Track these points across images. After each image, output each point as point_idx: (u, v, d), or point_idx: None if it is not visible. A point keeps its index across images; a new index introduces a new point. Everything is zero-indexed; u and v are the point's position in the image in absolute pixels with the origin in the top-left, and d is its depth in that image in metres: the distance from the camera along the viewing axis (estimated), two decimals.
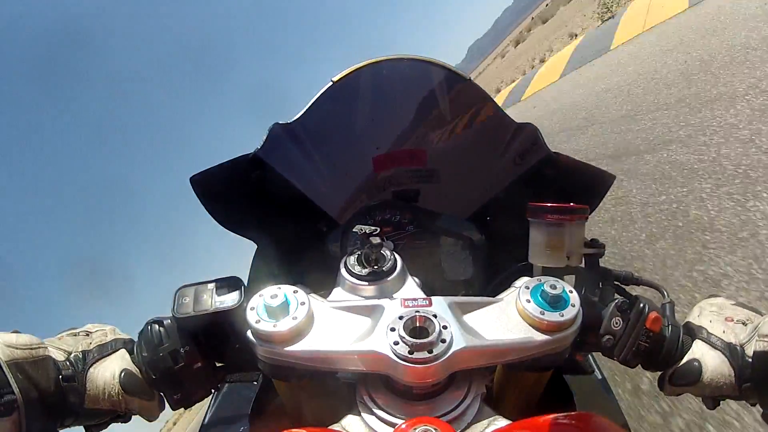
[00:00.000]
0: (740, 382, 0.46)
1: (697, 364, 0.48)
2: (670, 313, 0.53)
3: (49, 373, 0.42)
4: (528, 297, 0.44)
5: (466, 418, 0.40)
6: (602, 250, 0.54)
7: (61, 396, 0.42)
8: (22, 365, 0.39)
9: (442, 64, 0.62)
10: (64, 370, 0.43)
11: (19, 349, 0.40)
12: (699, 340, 0.50)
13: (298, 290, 0.45)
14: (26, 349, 0.40)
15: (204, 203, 0.59)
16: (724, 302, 0.54)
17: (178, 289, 0.50)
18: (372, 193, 0.72)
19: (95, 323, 0.50)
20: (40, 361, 0.41)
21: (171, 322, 0.49)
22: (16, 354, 0.39)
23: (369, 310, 0.45)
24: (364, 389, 0.43)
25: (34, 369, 0.40)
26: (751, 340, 0.46)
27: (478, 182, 0.69)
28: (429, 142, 0.68)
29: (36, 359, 0.41)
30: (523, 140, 0.61)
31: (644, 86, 4.98)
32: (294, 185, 0.65)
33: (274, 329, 0.41)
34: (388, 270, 0.49)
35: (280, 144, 0.61)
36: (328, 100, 0.61)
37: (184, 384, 0.49)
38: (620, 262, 2.34)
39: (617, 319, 0.51)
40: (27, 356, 0.40)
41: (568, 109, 6.12)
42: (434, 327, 0.40)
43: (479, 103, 0.62)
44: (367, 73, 0.61)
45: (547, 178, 0.61)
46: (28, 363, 0.40)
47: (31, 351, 0.41)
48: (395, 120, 0.68)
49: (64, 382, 0.42)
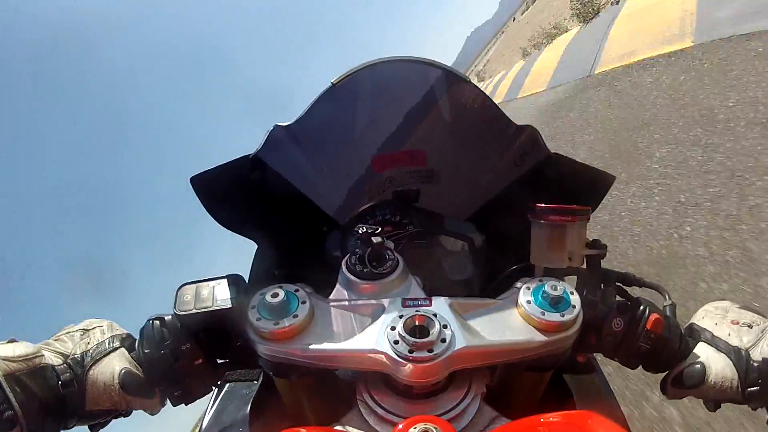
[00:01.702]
0: (744, 387, 0.45)
1: (701, 366, 0.48)
2: (672, 315, 0.53)
3: (48, 381, 0.41)
4: (529, 297, 0.44)
5: (466, 417, 0.40)
6: (604, 251, 0.54)
7: (61, 402, 0.42)
8: (20, 378, 0.39)
9: (441, 65, 0.62)
10: (62, 376, 0.43)
11: (16, 361, 0.40)
12: (703, 343, 0.50)
13: (300, 289, 0.45)
14: (23, 360, 0.40)
15: (204, 203, 0.59)
16: (730, 305, 0.53)
17: (180, 287, 0.50)
18: (372, 193, 0.72)
19: (92, 319, 0.50)
20: (38, 370, 0.41)
21: (172, 320, 0.49)
22: (14, 367, 0.39)
23: (369, 309, 0.45)
24: (364, 388, 0.43)
25: (32, 380, 0.40)
26: (758, 343, 0.46)
27: (478, 183, 0.69)
28: (429, 143, 0.68)
29: (34, 369, 0.41)
30: (523, 141, 0.62)
31: None
32: (294, 186, 0.65)
33: (275, 327, 0.41)
34: (389, 269, 0.50)
35: (279, 145, 0.61)
36: (327, 102, 0.61)
37: (185, 381, 0.49)
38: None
39: (618, 321, 0.51)
40: (24, 368, 0.40)
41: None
42: (434, 326, 0.41)
43: (479, 104, 0.62)
44: (366, 74, 0.61)
45: (547, 179, 0.61)
46: (26, 374, 0.40)
47: (28, 362, 0.40)
48: (395, 121, 0.68)
49: (63, 388, 0.42)
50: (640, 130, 3.85)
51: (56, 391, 0.42)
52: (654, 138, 3.58)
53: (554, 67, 8.63)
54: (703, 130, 3.20)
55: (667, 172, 3.02)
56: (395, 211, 0.74)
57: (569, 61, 8.09)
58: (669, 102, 4.01)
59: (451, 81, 0.63)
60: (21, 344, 0.42)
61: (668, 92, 4.20)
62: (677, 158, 3.08)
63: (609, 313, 0.51)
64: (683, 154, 3.07)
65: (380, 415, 0.40)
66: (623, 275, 0.56)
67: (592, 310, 0.50)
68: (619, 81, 5.45)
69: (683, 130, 3.39)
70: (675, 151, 3.19)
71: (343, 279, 0.50)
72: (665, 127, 3.61)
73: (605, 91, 5.48)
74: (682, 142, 3.24)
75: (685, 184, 2.76)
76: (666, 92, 4.24)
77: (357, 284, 0.49)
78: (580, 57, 7.53)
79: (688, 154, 3.04)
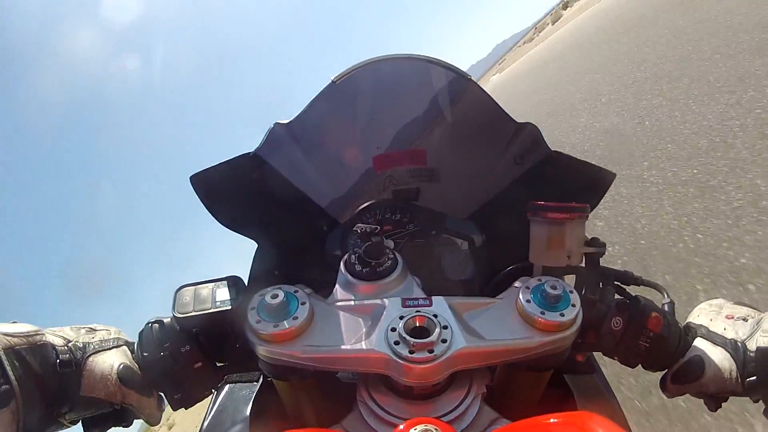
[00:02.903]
0: (743, 378, 0.46)
1: (699, 360, 0.48)
2: (671, 314, 0.53)
3: (47, 358, 0.42)
4: (528, 297, 0.44)
5: (466, 418, 0.40)
6: (603, 250, 0.54)
7: (58, 382, 0.42)
8: (20, 352, 0.39)
9: (443, 63, 0.62)
10: (62, 355, 0.43)
11: (16, 336, 0.40)
12: (700, 338, 0.50)
13: (299, 290, 0.45)
14: (24, 336, 0.40)
15: (204, 202, 0.59)
16: (724, 302, 0.54)
17: (178, 289, 0.50)
18: (372, 192, 0.72)
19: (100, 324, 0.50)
20: (38, 347, 0.41)
21: (171, 322, 0.49)
22: (14, 342, 0.39)
23: (369, 309, 0.45)
24: (364, 389, 0.43)
25: (31, 355, 0.40)
26: (753, 335, 0.46)
27: (478, 182, 0.69)
28: (429, 142, 0.68)
29: (34, 345, 0.41)
30: (523, 140, 0.61)
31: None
32: (294, 184, 0.65)
33: (274, 329, 0.41)
34: (389, 269, 0.49)
35: (280, 143, 0.61)
36: (328, 100, 0.61)
37: (185, 384, 0.49)
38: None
39: (617, 319, 0.51)
40: (24, 343, 0.40)
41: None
42: (435, 327, 0.40)
43: (480, 102, 0.62)
44: (367, 72, 0.61)
45: (547, 178, 0.61)
46: (26, 349, 0.40)
47: (28, 338, 0.41)
48: (395, 119, 0.68)
49: (61, 367, 0.42)
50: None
51: (54, 369, 0.42)
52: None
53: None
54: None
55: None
56: (395, 210, 0.73)
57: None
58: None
59: (452, 79, 0.63)
60: (22, 323, 0.42)
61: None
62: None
63: (608, 312, 0.51)
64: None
65: (380, 417, 0.40)
66: (622, 274, 0.56)
67: (591, 309, 0.50)
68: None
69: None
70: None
71: (343, 279, 0.50)
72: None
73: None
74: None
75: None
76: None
77: (356, 284, 0.49)
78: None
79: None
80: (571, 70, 8.68)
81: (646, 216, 2.61)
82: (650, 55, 5.70)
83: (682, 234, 2.28)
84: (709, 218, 2.27)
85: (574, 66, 8.72)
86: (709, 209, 2.34)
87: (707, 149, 2.88)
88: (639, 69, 5.47)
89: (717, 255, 2.01)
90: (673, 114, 3.71)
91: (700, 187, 2.56)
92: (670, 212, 2.51)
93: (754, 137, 2.71)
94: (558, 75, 9.38)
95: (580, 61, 8.96)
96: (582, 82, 6.95)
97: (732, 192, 2.35)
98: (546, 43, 11.91)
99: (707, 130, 3.12)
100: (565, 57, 10.71)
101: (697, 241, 2.17)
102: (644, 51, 6.10)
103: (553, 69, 10.57)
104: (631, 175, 3.10)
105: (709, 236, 2.15)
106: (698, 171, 2.71)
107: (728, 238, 2.07)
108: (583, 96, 6.05)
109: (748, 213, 2.15)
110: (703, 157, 2.82)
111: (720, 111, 3.26)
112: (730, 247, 2.01)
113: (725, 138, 2.88)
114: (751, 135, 2.75)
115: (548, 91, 8.30)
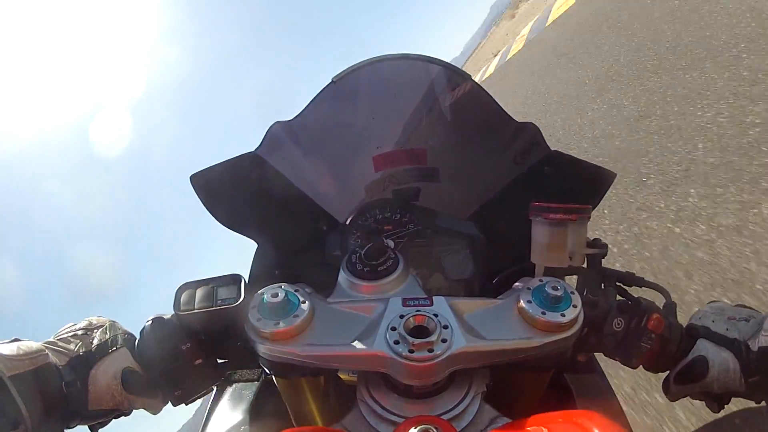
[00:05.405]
0: (746, 377, 0.46)
1: (703, 359, 0.48)
2: (672, 315, 0.53)
3: (52, 380, 0.42)
4: (529, 297, 0.44)
5: (466, 417, 0.40)
6: (604, 250, 0.53)
7: (64, 402, 0.43)
8: (25, 377, 0.39)
9: (442, 63, 0.62)
10: (66, 376, 0.43)
11: (20, 360, 0.40)
12: (702, 339, 0.50)
13: (300, 289, 0.45)
14: (27, 359, 0.41)
15: (204, 202, 0.59)
16: (725, 304, 0.54)
17: (180, 287, 0.50)
18: (372, 191, 0.72)
19: (94, 317, 0.50)
20: (42, 368, 0.41)
21: (172, 320, 0.49)
22: (18, 366, 0.39)
23: (370, 308, 0.45)
24: (364, 388, 0.43)
25: (36, 378, 0.40)
26: (756, 335, 0.46)
27: (478, 181, 0.69)
28: (429, 141, 0.68)
29: (37, 368, 0.41)
30: (523, 139, 0.61)
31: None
32: (294, 184, 0.65)
33: (275, 327, 0.41)
34: (389, 269, 0.49)
35: (280, 143, 0.61)
36: (328, 99, 0.61)
37: (186, 381, 0.49)
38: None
39: (619, 321, 0.51)
40: (28, 366, 0.40)
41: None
42: (435, 326, 0.40)
43: (480, 102, 0.62)
44: (367, 71, 0.61)
45: (547, 177, 0.61)
46: (30, 373, 0.40)
47: (32, 360, 0.41)
48: (395, 118, 0.68)
49: (66, 388, 0.43)
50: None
51: (59, 390, 0.42)
52: None
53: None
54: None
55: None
56: (395, 210, 0.73)
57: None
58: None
59: (451, 78, 0.63)
60: (24, 343, 0.42)
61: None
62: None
63: (609, 313, 0.51)
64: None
65: (381, 415, 0.40)
66: (624, 275, 0.56)
67: (592, 309, 0.50)
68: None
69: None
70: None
71: (343, 279, 0.50)
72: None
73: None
74: None
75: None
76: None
77: (357, 283, 0.49)
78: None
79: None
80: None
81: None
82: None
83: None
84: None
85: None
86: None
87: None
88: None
89: None
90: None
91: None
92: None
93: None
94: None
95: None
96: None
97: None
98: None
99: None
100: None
101: None
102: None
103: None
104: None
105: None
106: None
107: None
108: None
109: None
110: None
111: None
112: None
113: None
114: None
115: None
